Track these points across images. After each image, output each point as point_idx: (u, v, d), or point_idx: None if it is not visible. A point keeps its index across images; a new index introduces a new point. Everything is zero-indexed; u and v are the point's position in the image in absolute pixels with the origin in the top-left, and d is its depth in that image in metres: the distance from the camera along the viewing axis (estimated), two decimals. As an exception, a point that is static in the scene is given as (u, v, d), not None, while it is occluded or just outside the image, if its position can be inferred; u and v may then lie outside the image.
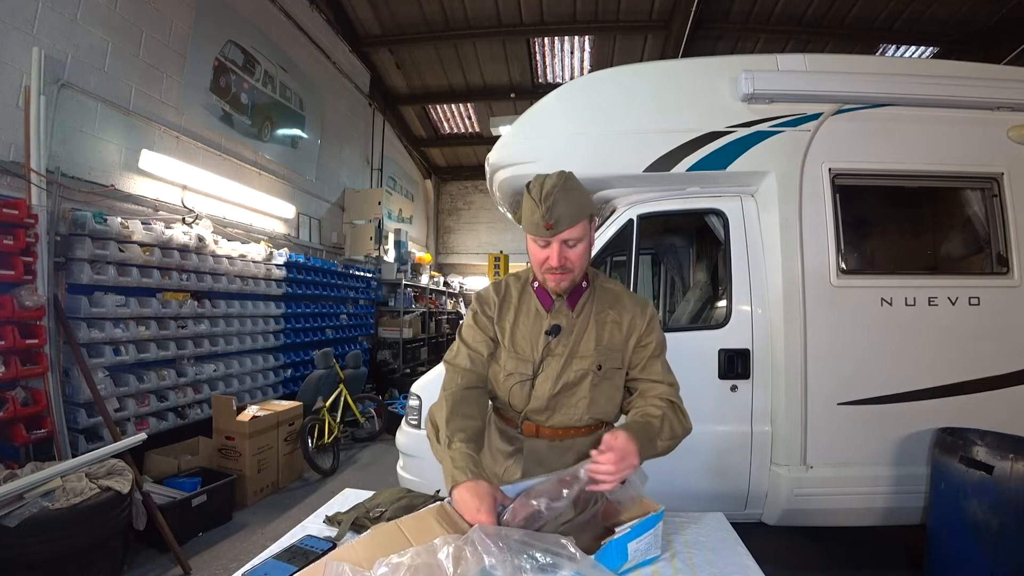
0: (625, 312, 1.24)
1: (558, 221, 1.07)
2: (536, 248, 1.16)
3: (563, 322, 1.21)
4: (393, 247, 7.52)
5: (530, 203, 1.10)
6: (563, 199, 1.07)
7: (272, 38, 5.07)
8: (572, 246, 1.13)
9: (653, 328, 1.24)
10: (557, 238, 1.10)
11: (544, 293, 1.25)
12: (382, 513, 1.19)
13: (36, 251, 2.65)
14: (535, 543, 0.77)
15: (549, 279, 1.17)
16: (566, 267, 1.13)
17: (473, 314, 1.28)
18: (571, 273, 1.15)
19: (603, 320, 1.23)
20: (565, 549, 0.77)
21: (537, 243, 1.14)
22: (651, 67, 2.80)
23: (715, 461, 2.34)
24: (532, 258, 1.19)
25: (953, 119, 2.42)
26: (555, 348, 1.20)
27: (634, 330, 1.22)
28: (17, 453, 2.52)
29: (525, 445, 1.26)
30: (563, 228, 1.08)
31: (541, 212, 1.06)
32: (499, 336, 1.25)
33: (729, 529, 1.20)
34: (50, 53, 2.84)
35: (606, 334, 1.22)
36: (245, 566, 0.94)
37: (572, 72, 7.32)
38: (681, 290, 3.73)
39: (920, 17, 5.78)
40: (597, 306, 1.24)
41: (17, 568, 2.04)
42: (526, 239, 1.19)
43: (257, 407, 3.68)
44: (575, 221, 1.09)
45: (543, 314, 1.24)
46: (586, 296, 1.25)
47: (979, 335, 2.31)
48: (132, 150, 3.45)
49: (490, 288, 1.31)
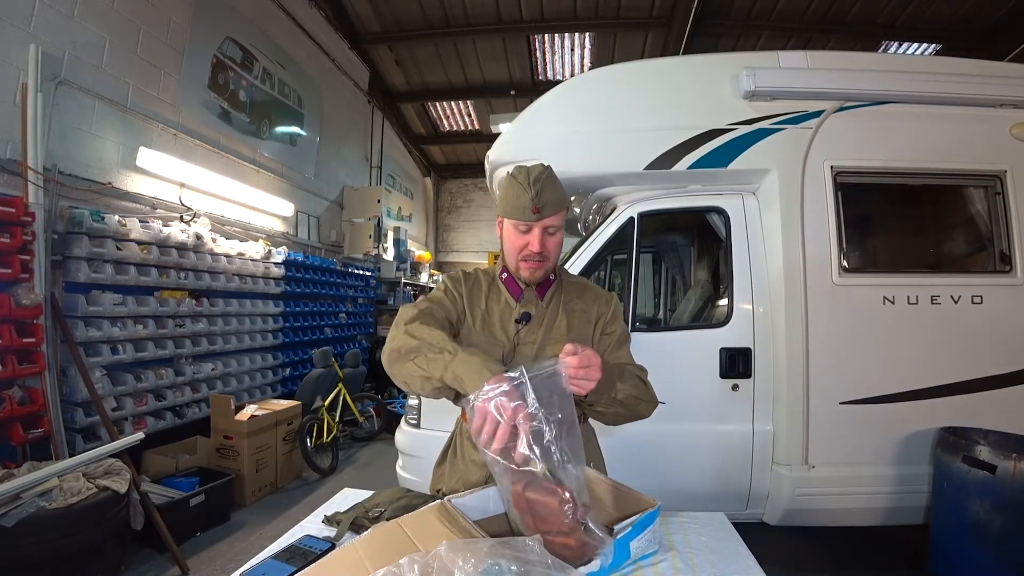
0: (592, 302, 1.26)
1: (545, 206, 1.11)
2: (515, 235, 1.16)
3: (533, 311, 1.22)
4: (392, 245, 7.51)
5: (516, 188, 1.12)
6: (550, 186, 1.12)
7: (271, 35, 5.05)
8: (552, 234, 1.16)
9: (617, 317, 1.26)
10: (541, 223, 1.13)
11: (513, 283, 1.24)
12: (381, 513, 1.17)
13: (33, 249, 2.63)
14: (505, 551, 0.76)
15: (524, 268, 1.18)
16: (544, 254, 1.15)
17: (444, 288, 1.26)
18: (547, 262, 1.17)
19: (572, 309, 1.25)
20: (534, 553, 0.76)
21: (518, 228, 1.15)
22: (652, 64, 2.78)
23: (716, 461, 2.33)
24: (508, 245, 1.19)
25: (955, 116, 2.41)
26: (526, 337, 1.21)
27: (600, 318, 1.25)
28: (14, 453, 2.51)
29: None
30: (549, 213, 1.12)
31: (530, 196, 1.09)
32: (468, 316, 1.23)
33: (730, 529, 1.19)
34: (47, 50, 2.82)
35: (576, 322, 1.23)
36: (243, 566, 0.93)
37: (572, 69, 7.30)
38: (682, 289, 3.72)
39: (923, 14, 5.77)
40: (565, 296, 1.26)
41: (15, 568, 2.02)
42: (501, 228, 1.21)
43: (255, 406, 3.66)
44: (559, 208, 1.14)
45: (512, 305, 1.24)
46: (554, 288, 1.26)
47: (982, 334, 2.30)
48: (130, 148, 3.43)
49: (460, 272, 1.30)
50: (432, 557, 0.74)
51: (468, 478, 1.26)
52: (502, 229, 1.21)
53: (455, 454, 1.33)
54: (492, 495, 1.07)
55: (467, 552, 0.74)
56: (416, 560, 0.75)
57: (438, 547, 0.75)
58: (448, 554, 0.74)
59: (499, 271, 1.29)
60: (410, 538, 0.89)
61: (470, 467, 1.27)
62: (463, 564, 0.72)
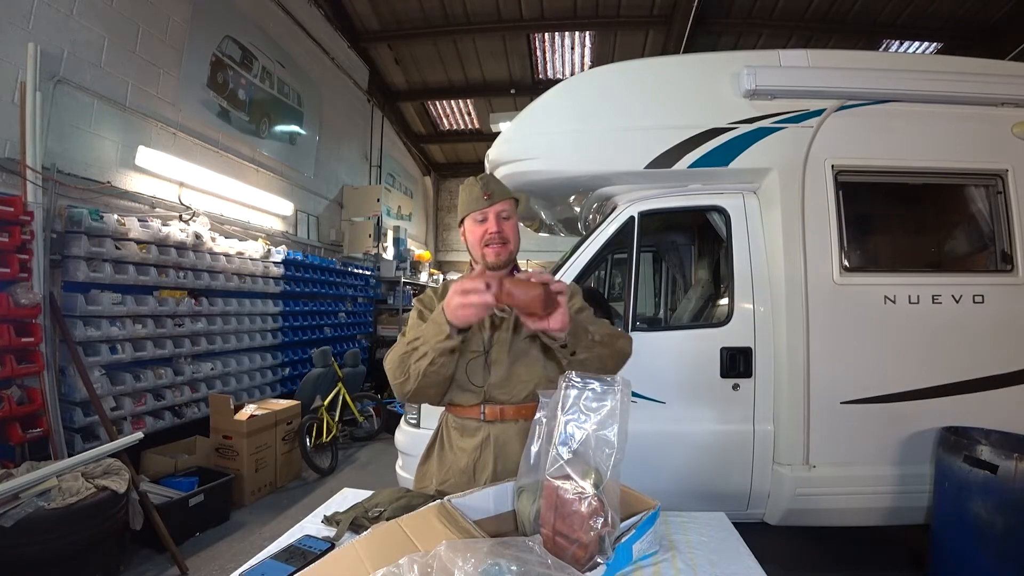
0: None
1: (494, 193, 1.28)
2: (476, 228, 1.30)
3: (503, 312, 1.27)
4: (392, 244, 7.51)
5: (467, 188, 1.32)
6: (494, 180, 1.34)
7: (270, 34, 5.04)
8: (506, 218, 1.30)
9: (575, 293, 1.34)
10: (493, 209, 1.28)
11: None
12: (381, 513, 1.17)
13: (32, 249, 2.62)
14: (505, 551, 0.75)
15: (490, 253, 1.29)
16: (504, 236, 1.28)
17: (417, 312, 1.33)
18: (508, 245, 1.29)
19: None
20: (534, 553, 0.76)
21: (476, 220, 1.30)
22: (652, 63, 2.77)
23: (717, 460, 2.33)
24: (473, 239, 1.32)
25: (957, 115, 2.40)
26: (499, 324, 1.30)
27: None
28: (13, 452, 2.50)
29: (491, 432, 1.26)
30: (498, 199, 1.28)
31: (479, 187, 1.28)
32: None
33: (731, 529, 1.18)
34: (46, 49, 2.81)
35: None
36: (243, 566, 0.92)
37: (573, 68, 7.29)
38: (683, 288, 3.72)
39: (924, 12, 5.76)
40: None
41: (13, 569, 2.02)
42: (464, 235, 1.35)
43: (255, 406, 3.65)
44: (506, 195, 1.30)
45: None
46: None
47: (983, 333, 2.29)
48: (128, 147, 3.42)
49: (429, 292, 1.42)
50: (432, 557, 0.74)
51: (457, 465, 1.28)
52: (465, 234, 1.34)
53: (442, 447, 1.36)
54: (492, 495, 1.06)
55: (467, 552, 0.73)
56: (416, 560, 0.74)
57: (438, 547, 0.75)
58: (448, 554, 0.73)
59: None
60: (410, 538, 0.88)
61: (459, 455, 1.29)
62: (463, 564, 0.71)
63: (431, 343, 1.10)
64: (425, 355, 1.12)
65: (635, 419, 1.21)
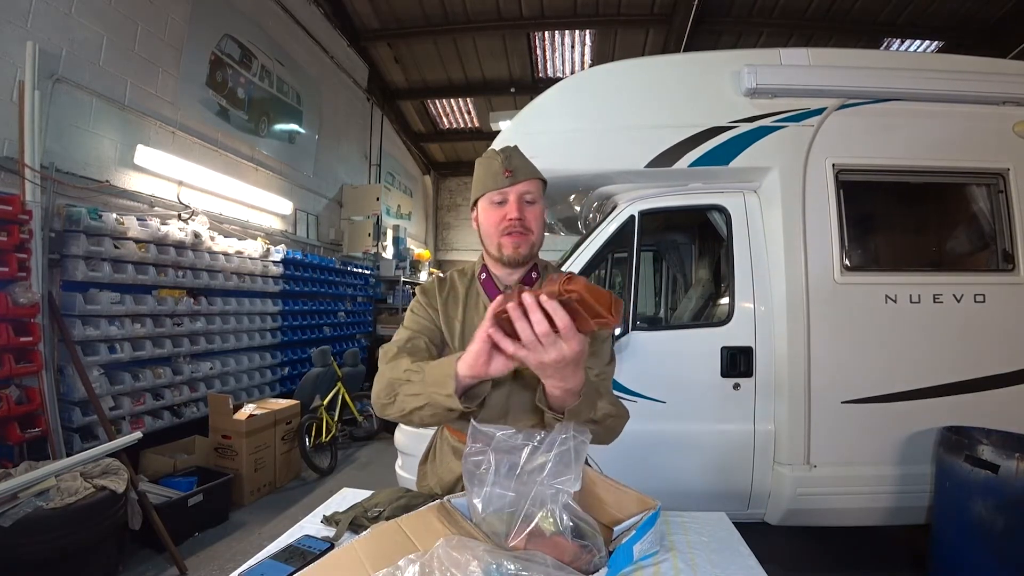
0: None
1: (517, 170, 1.07)
2: (492, 210, 1.10)
3: None
4: (392, 243, 7.50)
5: (485, 162, 1.11)
6: (519, 155, 1.10)
7: (269, 32, 5.02)
8: (530, 202, 1.09)
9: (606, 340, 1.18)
10: (515, 189, 1.07)
11: (491, 284, 1.17)
12: (380, 513, 1.16)
13: (30, 248, 2.62)
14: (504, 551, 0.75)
15: (507, 243, 1.08)
16: (525, 224, 1.07)
17: (417, 304, 1.21)
18: (530, 235, 1.09)
19: None
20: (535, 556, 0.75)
21: (493, 201, 1.09)
22: (652, 62, 2.77)
23: (717, 460, 2.33)
24: (487, 225, 1.11)
25: (958, 114, 2.40)
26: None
27: None
28: (11, 452, 2.49)
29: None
30: (522, 178, 1.07)
31: (500, 160, 1.07)
32: (445, 331, 1.18)
33: (732, 529, 1.18)
34: (44, 47, 2.80)
35: None
36: (242, 566, 0.92)
37: (573, 67, 7.27)
38: (683, 287, 3.72)
39: (925, 11, 5.75)
40: None
41: (12, 569, 2.01)
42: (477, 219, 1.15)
43: (254, 406, 3.65)
44: (532, 175, 1.10)
45: None
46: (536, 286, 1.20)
47: (985, 332, 2.29)
48: (127, 145, 3.41)
49: (434, 281, 1.24)
50: (431, 557, 0.73)
51: (444, 480, 1.24)
52: (478, 218, 1.14)
53: (434, 457, 1.31)
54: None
55: (466, 552, 0.73)
56: (415, 560, 0.74)
57: (437, 547, 0.75)
58: (447, 554, 0.73)
59: (477, 271, 1.22)
60: (409, 538, 0.88)
61: (446, 472, 1.24)
62: (462, 564, 0.71)
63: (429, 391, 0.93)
64: (418, 396, 0.96)
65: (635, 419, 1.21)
